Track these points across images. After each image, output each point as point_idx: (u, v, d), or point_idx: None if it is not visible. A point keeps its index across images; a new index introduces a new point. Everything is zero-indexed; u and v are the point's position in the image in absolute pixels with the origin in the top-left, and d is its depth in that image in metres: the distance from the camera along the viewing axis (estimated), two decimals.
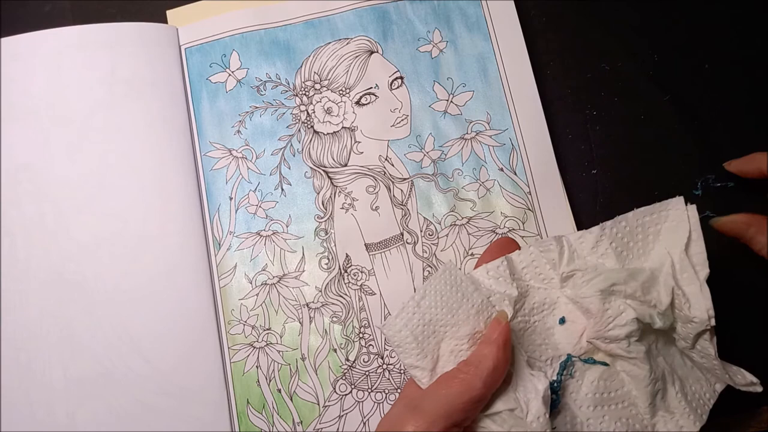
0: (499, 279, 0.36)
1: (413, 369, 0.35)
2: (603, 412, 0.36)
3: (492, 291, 0.36)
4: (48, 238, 0.47)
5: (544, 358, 0.37)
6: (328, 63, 0.51)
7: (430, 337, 0.35)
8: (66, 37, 0.50)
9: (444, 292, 0.35)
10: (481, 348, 0.35)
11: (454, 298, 0.35)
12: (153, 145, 0.49)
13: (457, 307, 0.35)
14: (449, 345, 0.35)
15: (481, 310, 0.36)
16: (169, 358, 0.45)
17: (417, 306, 0.35)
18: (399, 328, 0.35)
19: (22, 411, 0.44)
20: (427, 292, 0.35)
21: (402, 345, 0.35)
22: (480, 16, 0.51)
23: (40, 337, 0.45)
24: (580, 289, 0.36)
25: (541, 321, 0.37)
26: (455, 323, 0.35)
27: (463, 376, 0.34)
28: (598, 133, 0.49)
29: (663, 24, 0.51)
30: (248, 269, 0.47)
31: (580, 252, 0.37)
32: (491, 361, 0.34)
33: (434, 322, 0.35)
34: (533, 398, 0.34)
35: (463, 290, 0.36)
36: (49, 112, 0.49)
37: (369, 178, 0.49)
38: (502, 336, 0.34)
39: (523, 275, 0.37)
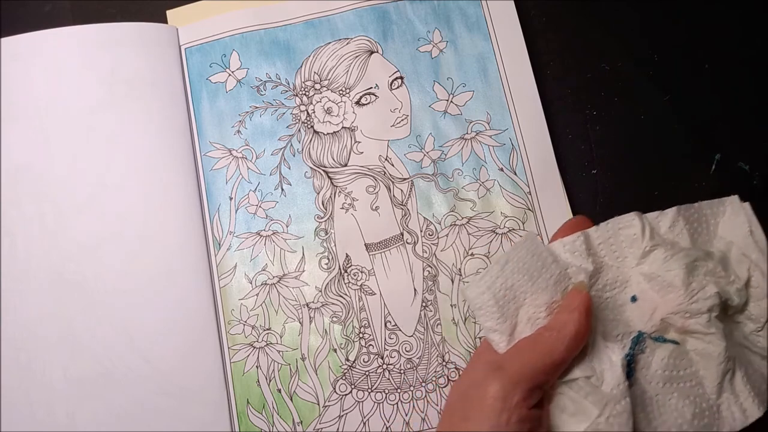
0: (575, 253, 0.37)
1: (492, 333, 0.36)
2: (672, 389, 0.36)
3: (568, 264, 0.37)
4: (48, 238, 0.47)
5: (615, 334, 0.37)
6: (328, 63, 0.51)
7: (510, 302, 0.36)
8: (66, 37, 0.50)
9: (526, 259, 0.36)
10: (562, 315, 0.35)
11: (535, 267, 0.36)
12: (153, 145, 0.49)
13: (537, 276, 0.36)
14: (527, 312, 0.36)
15: (559, 281, 0.36)
16: (169, 358, 0.45)
17: (501, 270, 0.36)
18: (482, 290, 0.35)
19: (22, 411, 0.44)
20: (511, 258, 0.36)
21: (483, 307, 0.36)
22: (480, 16, 0.51)
23: (40, 337, 0.45)
24: (663, 264, 0.37)
25: (613, 298, 0.38)
26: (534, 291, 0.36)
27: (545, 339, 0.34)
28: (598, 133, 0.49)
29: (663, 24, 0.51)
30: (248, 269, 0.47)
31: (657, 230, 0.38)
32: (574, 327, 0.34)
33: (515, 288, 0.36)
34: (608, 369, 0.35)
35: (543, 259, 0.36)
36: (49, 112, 0.49)
37: (369, 178, 0.49)
38: (584, 303, 0.35)
39: (599, 251, 0.38)
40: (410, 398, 0.45)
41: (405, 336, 0.46)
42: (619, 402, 0.34)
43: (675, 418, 0.35)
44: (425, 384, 0.45)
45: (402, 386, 0.45)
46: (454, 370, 0.45)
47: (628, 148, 0.49)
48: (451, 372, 0.45)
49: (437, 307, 0.46)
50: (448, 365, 0.45)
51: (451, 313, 0.46)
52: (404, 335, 0.46)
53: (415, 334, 0.46)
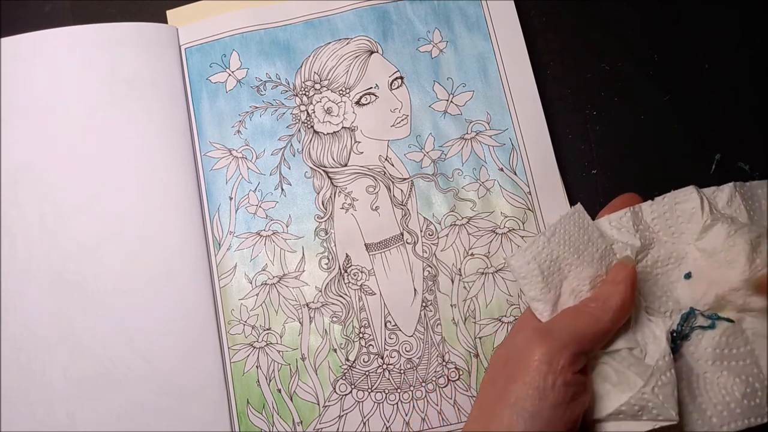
0: (621, 230, 0.37)
1: (536, 302, 0.36)
2: (722, 367, 0.36)
3: (614, 240, 0.37)
4: (48, 238, 0.47)
5: (663, 310, 0.37)
6: (328, 63, 0.51)
7: (555, 273, 0.36)
8: (66, 37, 0.50)
9: (572, 232, 0.36)
10: (607, 287, 0.36)
11: (581, 240, 0.36)
12: (153, 145, 0.49)
13: (582, 249, 0.36)
14: (571, 284, 0.36)
15: (604, 256, 0.37)
16: (169, 358, 0.45)
17: (547, 241, 0.36)
18: (528, 260, 0.36)
19: (22, 411, 0.44)
20: (557, 230, 0.36)
21: (528, 277, 0.36)
22: (480, 16, 0.51)
23: (40, 337, 0.45)
24: (727, 239, 0.36)
25: (665, 274, 0.37)
26: (579, 264, 0.36)
27: (590, 309, 0.35)
28: (598, 133, 0.49)
29: (663, 24, 0.51)
30: (248, 269, 0.47)
31: (715, 205, 0.37)
32: (619, 298, 0.35)
33: (560, 260, 0.36)
34: (651, 342, 0.35)
35: (590, 234, 0.37)
36: (49, 112, 0.49)
37: (369, 178, 0.49)
38: (630, 277, 0.35)
39: (653, 226, 0.37)
40: (410, 398, 0.45)
41: (405, 336, 0.46)
42: (664, 373, 0.34)
43: (723, 396, 0.35)
44: (425, 384, 0.45)
45: (402, 386, 0.45)
46: (454, 370, 0.45)
47: (628, 148, 0.49)
48: (451, 372, 0.45)
49: (437, 307, 0.46)
50: (448, 365, 0.45)
51: (451, 313, 0.46)
52: (404, 335, 0.46)
53: (415, 334, 0.46)
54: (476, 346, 0.45)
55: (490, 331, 0.45)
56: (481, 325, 0.46)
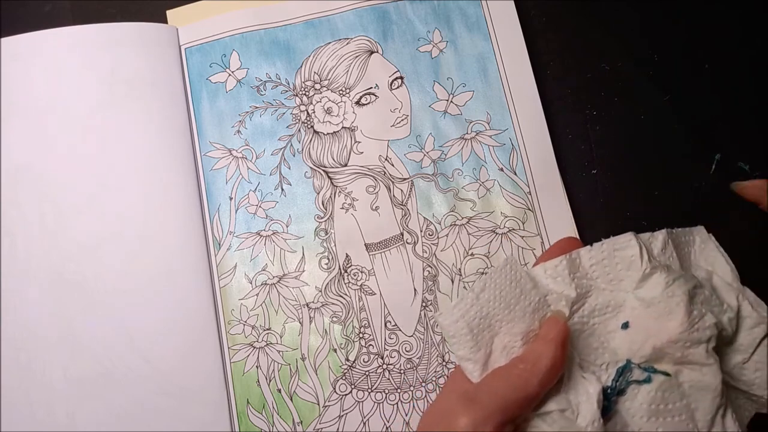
0: (557, 279, 0.36)
1: (465, 361, 0.35)
2: (657, 423, 0.35)
3: (549, 290, 0.36)
4: (48, 238, 0.47)
5: (599, 363, 0.36)
6: (328, 63, 0.51)
7: (485, 330, 0.35)
8: (66, 37, 0.50)
9: (503, 286, 0.35)
10: (537, 345, 0.34)
11: (512, 294, 0.35)
12: (153, 145, 0.49)
13: (514, 304, 0.35)
14: (502, 341, 0.35)
15: (537, 309, 0.35)
16: (169, 358, 0.45)
17: (476, 298, 0.35)
18: (456, 318, 0.34)
19: (22, 411, 0.44)
20: (487, 285, 0.35)
21: (456, 336, 0.35)
22: (480, 16, 0.51)
23: (40, 337, 0.45)
24: (666, 289, 0.35)
25: (602, 324, 0.36)
26: (511, 319, 0.35)
27: (519, 372, 0.33)
28: (598, 133, 0.49)
29: (663, 24, 0.51)
30: (248, 269, 0.47)
31: (651, 252, 0.36)
32: (549, 360, 0.33)
33: (490, 316, 0.35)
34: (584, 401, 0.34)
35: (522, 286, 0.35)
36: (49, 112, 0.49)
37: (369, 178, 0.49)
38: (561, 335, 0.34)
39: (591, 273, 0.36)
40: (410, 398, 0.45)
41: (405, 336, 0.46)
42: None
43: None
44: (425, 384, 0.45)
45: (402, 386, 0.45)
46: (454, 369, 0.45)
47: (628, 148, 0.49)
48: (451, 372, 0.45)
49: (437, 307, 0.46)
50: (448, 365, 0.45)
51: None
52: (404, 335, 0.46)
53: (415, 334, 0.46)
54: None
55: None
56: None
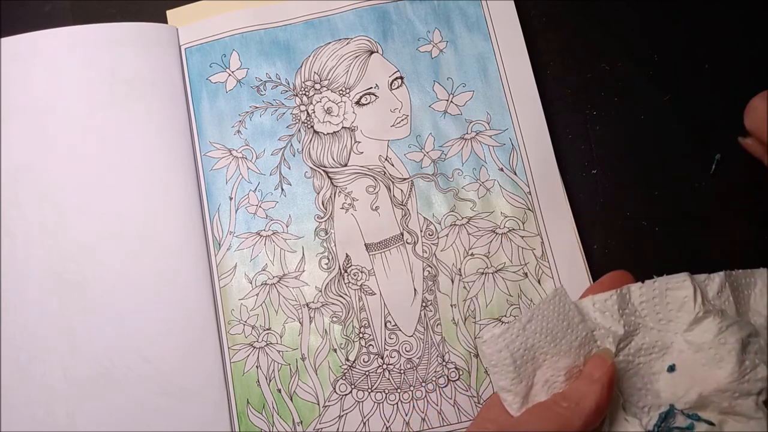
0: (605, 313, 0.34)
1: (505, 393, 0.34)
2: None
3: (597, 325, 0.35)
4: (48, 238, 0.47)
5: (642, 405, 0.35)
6: (328, 63, 0.51)
7: (528, 362, 0.34)
8: (66, 37, 0.50)
9: (551, 318, 0.34)
10: (581, 384, 0.33)
11: (559, 327, 0.34)
12: (153, 145, 0.49)
13: (561, 337, 0.34)
14: (545, 374, 0.34)
15: (583, 344, 0.34)
16: (169, 358, 0.45)
17: (522, 329, 0.33)
18: (500, 347, 0.33)
19: (22, 411, 0.44)
20: (535, 315, 0.34)
21: (499, 365, 0.33)
22: (480, 16, 0.51)
23: (40, 337, 0.45)
24: (718, 335, 0.34)
25: (647, 364, 0.35)
26: (556, 353, 0.34)
27: (562, 410, 0.32)
28: (598, 133, 0.49)
29: (663, 24, 0.51)
30: (248, 269, 0.47)
31: (706, 295, 0.35)
32: (594, 401, 0.32)
33: (535, 348, 0.33)
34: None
35: (570, 320, 0.34)
36: (49, 112, 0.49)
37: (369, 178, 0.49)
38: (608, 376, 0.33)
39: (640, 310, 0.35)
40: (410, 398, 0.45)
41: (405, 336, 0.46)
42: None
43: None
44: (425, 384, 0.45)
45: (402, 386, 0.45)
46: (454, 370, 0.45)
47: (628, 148, 0.49)
48: (451, 372, 0.45)
49: (437, 307, 0.46)
50: (448, 365, 0.45)
51: (451, 313, 0.46)
52: (404, 335, 0.46)
53: (415, 334, 0.46)
54: (476, 346, 0.45)
55: None
56: (481, 325, 0.46)
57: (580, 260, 0.46)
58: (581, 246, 0.46)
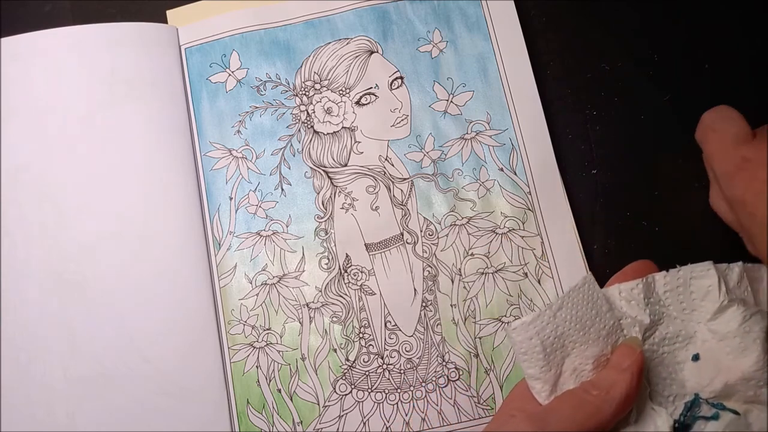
0: (631, 302, 0.35)
1: (534, 380, 0.34)
2: None
3: (623, 314, 0.35)
4: (48, 238, 0.47)
5: (667, 394, 0.35)
6: (328, 63, 0.51)
7: (557, 350, 0.34)
8: (66, 37, 0.50)
9: (580, 306, 0.34)
10: (611, 373, 0.33)
11: (588, 315, 0.34)
12: (153, 145, 0.49)
13: (589, 325, 0.34)
14: (573, 363, 0.34)
15: (610, 333, 0.34)
16: (169, 358, 0.45)
17: (553, 316, 0.34)
18: (530, 335, 0.33)
19: (22, 411, 0.44)
20: (565, 303, 0.34)
21: (529, 353, 0.34)
22: (480, 16, 0.51)
23: (40, 337, 0.45)
24: (743, 324, 0.34)
25: (671, 354, 0.35)
26: (584, 341, 0.34)
27: (591, 398, 0.32)
28: (598, 133, 0.49)
29: (663, 24, 0.51)
30: (248, 269, 0.47)
31: (727, 284, 0.35)
32: (624, 390, 0.32)
33: (565, 336, 0.34)
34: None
35: (598, 308, 0.34)
36: (49, 112, 0.49)
37: (369, 178, 0.49)
38: (636, 364, 0.33)
39: (664, 300, 0.35)
40: (410, 398, 0.45)
41: (405, 336, 0.46)
42: None
43: None
44: (425, 384, 0.45)
45: (402, 386, 0.45)
46: (454, 370, 0.45)
47: (628, 148, 0.49)
48: (451, 372, 0.45)
49: (437, 307, 0.46)
50: (448, 365, 0.45)
51: (451, 313, 0.46)
52: (404, 335, 0.46)
53: (415, 334, 0.46)
54: (476, 346, 0.45)
55: (490, 331, 0.45)
56: (481, 325, 0.46)
57: (580, 260, 0.46)
58: (581, 246, 0.46)
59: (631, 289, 0.35)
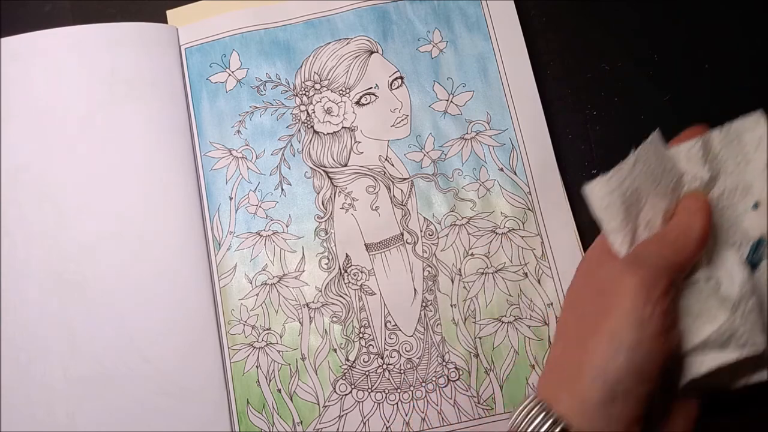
0: (691, 160, 0.37)
1: (615, 234, 0.35)
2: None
3: (685, 171, 0.37)
4: (48, 238, 0.47)
5: (732, 241, 0.37)
6: (328, 63, 0.51)
7: (634, 204, 0.36)
8: (66, 37, 0.50)
9: (650, 162, 0.36)
10: (683, 217, 0.36)
11: (658, 170, 0.36)
12: (153, 145, 0.49)
13: (659, 180, 0.36)
14: (646, 216, 0.36)
15: (676, 188, 0.36)
16: (169, 358, 0.45)
17: (630, 170, 0.35)
18: (611, 189, 0.35)
19: (22, 411, 0.44)
20: (639, 158, 0.36)
21: (609, 207, 0.35)
22: (480, 16, 0.51)
23: (40, 337, 0.45)
24: None
25: (731, 206, 0.37)
26: (655, 195, 0.36)
27: (673, 238, 0.35)
28: (598, 133, 0.49)
29: (663, 24, 0.51)
30: (248, 269, 0.47)
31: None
32: (699, 228, 0.35)
33: (639, 190, 0.36)
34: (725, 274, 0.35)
35: (665, 164, 0.36)
36: (49, 112, 0.49)
37: (369, 178, 0.49)
38: (704, 208, 0.35)
39: (720, 156, 0.37)
40: (410, 398, 0.45)
41: (405, 336, 0.46)
42: (748, 301, 0.34)
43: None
44: (425, 384, 0.45)
45: (402, 386, 0.45)
46: (454, 370, 0.45)
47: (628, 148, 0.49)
48: (451, 372, 0.45)
49: (437, 307, 0.46)
50: (448, 365, 0.45)
51: (451, 313, 0.46)
52: (404, 335, 0.46)
53: (415, 334, 0.46)
54: (476, 346, 0.45)
55: (490, 331, 0.45)
56: (481, 325, 0.46)
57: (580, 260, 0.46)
58: (581, 246, 0.46)
59: (690, 149, 0.37)
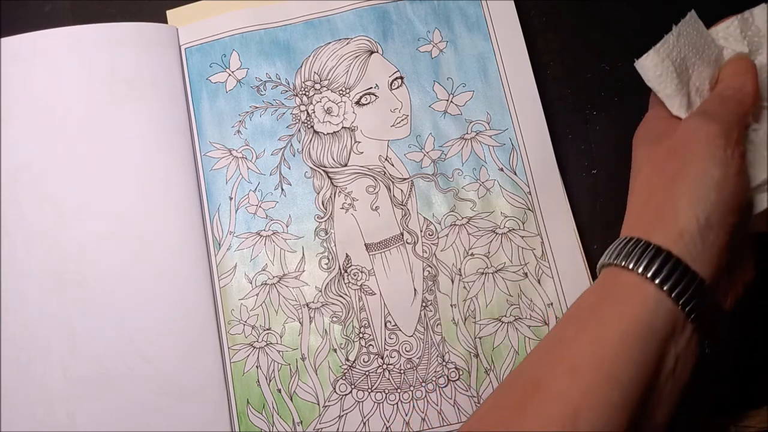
0: (728, 38, 0.39)
1: (672, 98, 0.38)
2: None
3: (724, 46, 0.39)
4: (48, 238, 0.47)
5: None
6: (328, 63, 0.51)
7: (684, 71, 0.38)
8: (66, 37, 0.50)
9: (692, 35, 0.38)
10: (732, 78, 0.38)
11: (700, 42, 0.38)
12: (153, 145, 0.49)
13: (702, 50, 0.38)
14: (695, 83, 0.38)
15: (718, 59, 0.39)
16: (169, 358, 0.45)
17: (676, 40, 0.38)
18: (663, 57, 0.38)
19: (22, 411, 0.44)
20: (682, 31, 0.38)
21: (663, 74, 0.38)
22: (480, 16, 0.51)
23: (40, 337, 0.45)
24: None
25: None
26: (701, 64, 0.38)
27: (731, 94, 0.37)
28: (598, 133, 0.49)
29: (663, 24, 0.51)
30: (248, 269, 0.47)
31: None
32: (751, 84, 0.37)
33: (686, 59, 0.38)
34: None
35: (705, 37, 0.39)
36: (49, 112, 0.49)
37: (369, 178, 0.49)
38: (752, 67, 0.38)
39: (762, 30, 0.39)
40: (410, 398, 0.45)
41: (405, 336, 0.46)
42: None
43: None
44: (425, 384, 0.45)
45: (402, 386, 0.45)
46: (454, 370, 0.45)
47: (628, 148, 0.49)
48: (451, 372, 0.45)
49: (437, 307, 0.46)
50: (448, 365, 0.45)
51: (451, 313, 0.46)
52: (404, 335, 0.46)
53: (415, 334, 0.46)
54: (476, 346, 0.45)
55: (490, 331, 0.45)
56: (481, 325, 0.46)
57: (580, 260, 0.46)
58: (581, 246, 0.46)
59: (727, 27, 0.40)
